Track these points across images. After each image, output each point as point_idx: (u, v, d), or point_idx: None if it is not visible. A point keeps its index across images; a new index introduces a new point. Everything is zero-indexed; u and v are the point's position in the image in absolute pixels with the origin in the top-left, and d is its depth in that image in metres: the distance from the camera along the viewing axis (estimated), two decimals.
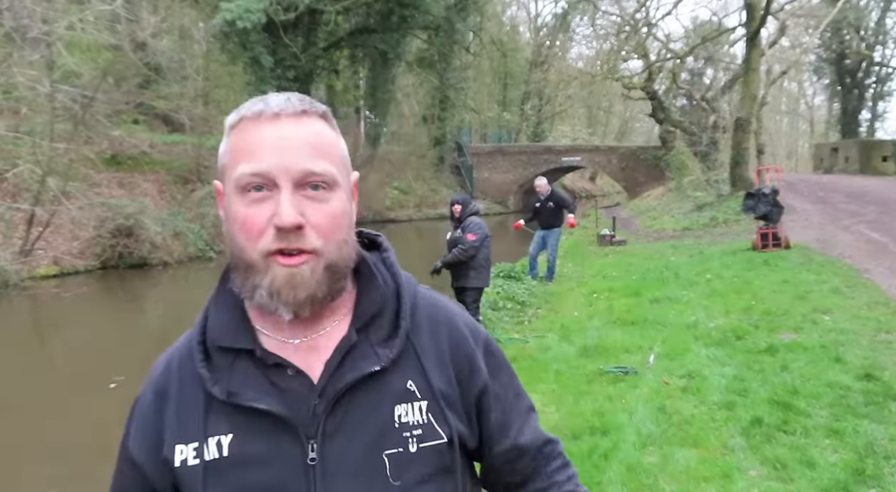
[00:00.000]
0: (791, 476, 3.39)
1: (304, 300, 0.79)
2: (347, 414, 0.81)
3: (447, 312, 0.92)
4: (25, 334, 10.54)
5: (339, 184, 0.82)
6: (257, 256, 0.78)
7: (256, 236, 0.78)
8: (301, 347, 0.83)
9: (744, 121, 19.26)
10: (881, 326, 6.08)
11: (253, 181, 0.78)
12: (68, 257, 14.42)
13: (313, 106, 0.83)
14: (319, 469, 0.79)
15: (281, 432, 0.80)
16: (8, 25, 14.24)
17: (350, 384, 0.81)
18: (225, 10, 18.50)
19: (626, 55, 27.86)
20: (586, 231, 17.32)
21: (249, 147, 0.79)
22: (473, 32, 33.49)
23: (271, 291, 0.78)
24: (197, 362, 0.84)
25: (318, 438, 0.79)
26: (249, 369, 0.82)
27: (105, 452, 5.57)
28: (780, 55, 30.67)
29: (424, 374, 0.85)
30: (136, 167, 18.68)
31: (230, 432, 0.81)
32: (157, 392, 0.87)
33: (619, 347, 5.94)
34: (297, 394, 0.81)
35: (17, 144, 14.90)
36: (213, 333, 0.85)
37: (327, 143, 0.82)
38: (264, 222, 0.77)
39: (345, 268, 0.83)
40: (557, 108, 41.98)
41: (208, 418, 0.82)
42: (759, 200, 10.88)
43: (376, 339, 0.84)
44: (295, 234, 0.77)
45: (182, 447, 0.82)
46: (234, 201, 0.80)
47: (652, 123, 34.99)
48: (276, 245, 0.77)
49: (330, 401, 0.80)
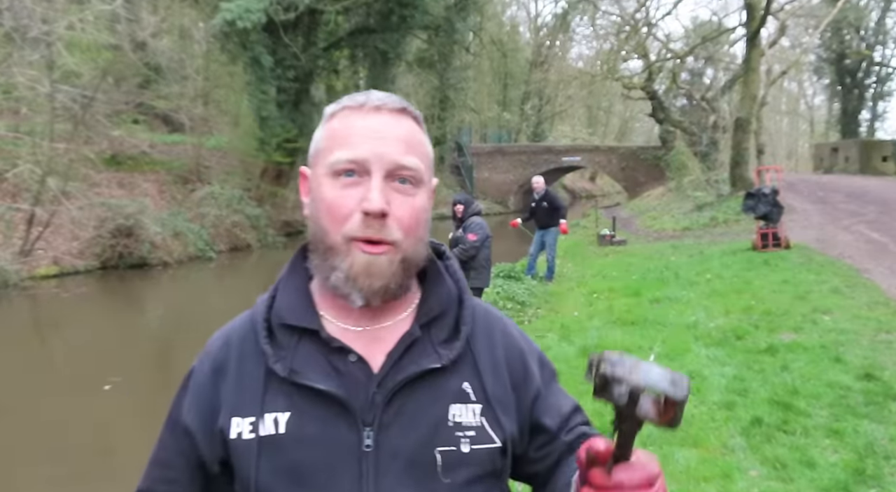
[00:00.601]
0: (791, 476, 3.39)
1: (378, 290, 0.81)
2: (404, 406, 0.82)
3: (503, 322, 0.95)
4: (25, 334, 10.54)
5: (424, 182, 0.85)
6: (340, 239, 0.81)
7: (342, 220, 0.81)
8: (363, 336, 0.85)
9: (744, 121, 19.26)
10: (881, 326, 6.08)
11: (347, 167, 0.81)
12: (68, 257, 14.41)
13: (410, 107, 0.88)
14: (373, 457, 0.80)
15: (338, 416, 0.81)
16: (8, 25, 14.23)
17: (410, 378, 0.82)
18: (225, 10, 18.48)
19: (626, 55, 27.88)
20: (586, 231, 17.33)
21: (347, 134, 0.83)
22: (473, 32, 33.50)
23: (349, 275, 0.81)
24: (261, 338, 0.85)
25: (374, 426, 0.81)
26: (312, 350, 0.84)
27: (104, 452, 5.57)
28: (780, 55, 30.66)
29: (480, 378, 0.86)
30: (136, 167, 18.67)
31: (288, 410, 0.82)
32: (214, 366, 0.89)
33: (619, 348, 5.93)
34: (356, 380, 0.82)
35: (17, 144, 14.91)
36: (279, 311, 0.87)
37: (419, 142, 0.86)
38: (352, 207, 0.81)
39: (417, 264, 0.86)
40: (557, 108, 41.98)
41: (266, 394, 0.83)
42: (759, 200, 10.88)
43: (437, 338, 0.87)
44: (379, 222, 0.80)
45: (238, 420, 0.83)
46: (325, 184, 0.83)
47: (652, 122, 34.99)
48: (361, 232, 0.80)
49: (389, 391, 0.82)
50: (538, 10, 47.88)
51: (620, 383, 0.61)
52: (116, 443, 5.73)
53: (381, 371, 0.83)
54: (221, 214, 18.12)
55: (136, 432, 5.95)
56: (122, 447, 5.60)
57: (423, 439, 0.81)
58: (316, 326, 0.85)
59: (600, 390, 0.63)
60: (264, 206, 20.14)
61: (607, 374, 0.61)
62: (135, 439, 5.82)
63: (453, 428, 0.83)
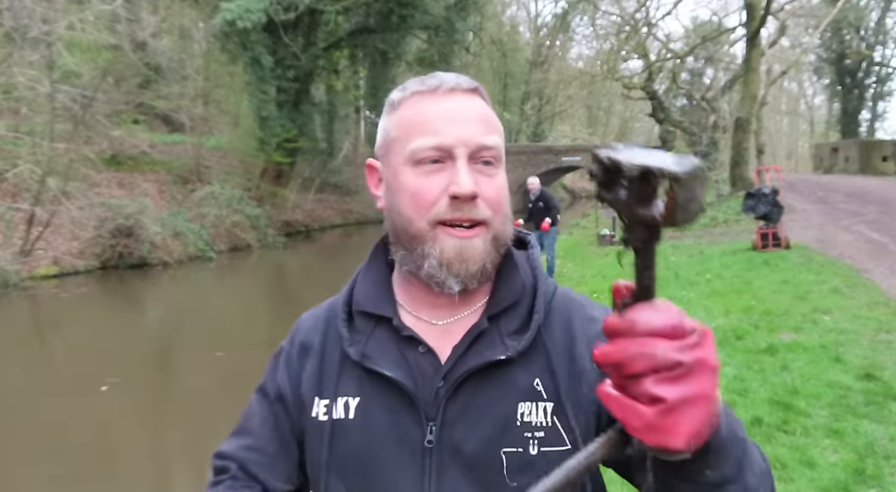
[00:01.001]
0: (791, 476, 3.39)
1: (475, 273, 0.79)
2: (469, 402, 0.79)
3: (586, 308, 0.88)
4: (25, 334, 10.54)
5: (502, 160, 0.84)
6: (425, 226, 0.79)
7: (428, 206, 0.79)
8: (436, 328, 0.84)
9: (744, 121, 19.27)
10: (881, 326, 6.08)
11: (431, 155, 0.79)
12: (68, 257, 14.41)
13: (480, 86, 0.86)
14: (436, 453, 0.78)
15: (403, 408, 0.80)
16: (8, 25, 14.24)
17: (473, 370, 0.79)
18: (225, 10, 18.50)
19: (626, 55, 27.86)
20: (586, 231, 17.33)
21: (426, 120, 0.80)
22: (473, 32, 33.48)
23: (441, 261, 0.79)
24: (339, 322, 0.87)
25: (437, 421, 0.79)
26: (386, 337, 0.84)
27: (104, 451, 5.55)
28: (780, 55, 30.68)
29: (553, 374, 0.81)
30: (136, 167, 18.68)
31: (357, 396, 0.82)
32: (302, 344, 0.91)
33: None
34: (424, 372, 0.81)
35: (17, 144, 14.91)
36: (358, 297, 0.88)
37: (494, 120, 0.85)
38: (437, 192, 0.79)
39: (506, 243, 0.84)
40: (557, 108, 41.99)
41: (341, 377, 0.84)
42: (759, 200, 10.87)
43: (507, 329, 0.83)
44: (469, 204, 0.78)
45: (317, 400, 0.85)
46: (405, 173, 0.81)
47: (652, 122, 34.99)
48: (449, 214, 0.78)
49: (452, 384, 0.79)
50: (538, 10, 47.98)
51: (616, 167, 0.51)
52: (116, 443, 5.73)
53: (447, 364, 0.80)
54: (221, 214, 18.12)
55: (135, 431, 5.96)
56: (122, 447, 5.61)
57: (487, 438, 0.78)
58: (390, 313, 0.85)
59: (605, 185, 0.52)
60: (264, 206, 20.15)
61: (604, 158, 0.51)
62: (134, 438, 5.82)
63: (521, 428, 0.78)
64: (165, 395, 7.29)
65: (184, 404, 6.63)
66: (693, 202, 0.51)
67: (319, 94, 25.65)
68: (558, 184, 43.09)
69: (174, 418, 6.33)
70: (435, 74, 0.85)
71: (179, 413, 6.40)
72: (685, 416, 0.50)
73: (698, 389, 0.51)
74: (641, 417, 0.51)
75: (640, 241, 0.54)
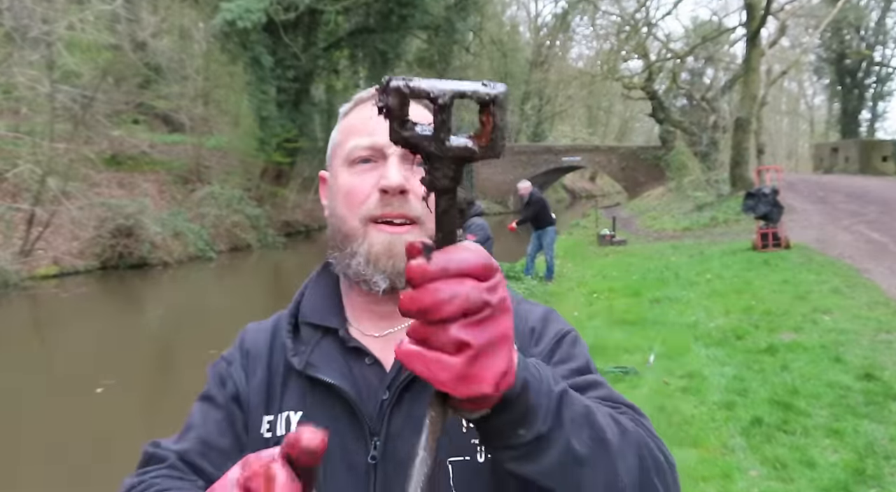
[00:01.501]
0: (791, 476, 3.39)
1: (403, 270, 0.76)
2: (412, 410, 0.76)
3: (532, 313, 0.86)
4: (25, 334, 10.54)
5: None
6: (357, 223, 0.79)
7: (359, 203, 0.79)
8: (380, 340, 0.83)
9: (744, 121, 19.27)
10: (881, 326, 6.08)
11: (363, 154, 0.81)
12: (68, 257, 14.41)
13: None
14: (380, 469, 0.75)
15: (346, 421, 0.77)
16: (8, 25, 14.24)
17: (412, 375, 0.75)
18: (225, 10, 18.50)
19: (626, 55, 27.87)
20: (586, 231, 17.33)
21: (363, 123, 0.82)
22: (473, 32, 33.48)
23: (368, 258, 0.78)
24: (284, 333, 0.85)
25: (381, 435, 0.76)
26: (332, 348, 0.82)
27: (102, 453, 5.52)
28: (780, 55, 30.68)
29: None
30: (136, 167, 18.67)
31: (300, 410, 0.80)
32: (249, 353, 0.87)
33: (619, 348, 5.94)
34: (369, 384, 0.79)
35: (17, 144, 14.91)
36: (305, 309, 0.87)
37: None
38: (368, 188, 0.79)
39: None
40: (557, 108, 41.99)
41: (285, 390, 0.82)
42: (759, 200, 10.88)
43: None
44: (398, 198, 0.77)
45: (264, 417, 0.82)
46: (342, 174, 0.82)
47: (652, 122, 34.99)
48: (379, 210, 0.78)
49: (395, 392, 0.77)
50: (538, 10, 47.93)
51: (422, 94, 0.46)
52: (113, 445, 5.73)
53: (391, 373, 0.79)
54: (221, 214, 18.12)
55: (135, 431, 5.96)
56: (122, 447, 5.60)
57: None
58: (336, 325, 0.83)
59: (402, 122, 0.47)
60: (264, 206, 20.14)
61: (401, 86, 0.45)
62: (134, 438, 5.82)
63: (467, 435, 0.75)
64: (165, 395, 7.29)
65: (183, 405, 6.62)
66: (506, 128, 0.48)
67: (319, 94, 25.63)
68: (558, 184, 43.10)
69: (174, 418, 6.32)
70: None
71: (179, 413, 6.39)
72: (491, 359, 0.49)
73: (502, 329, 0.49)
74: (449, 368, 0.47)
75: (449, 178, 0.48)
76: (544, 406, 0.59)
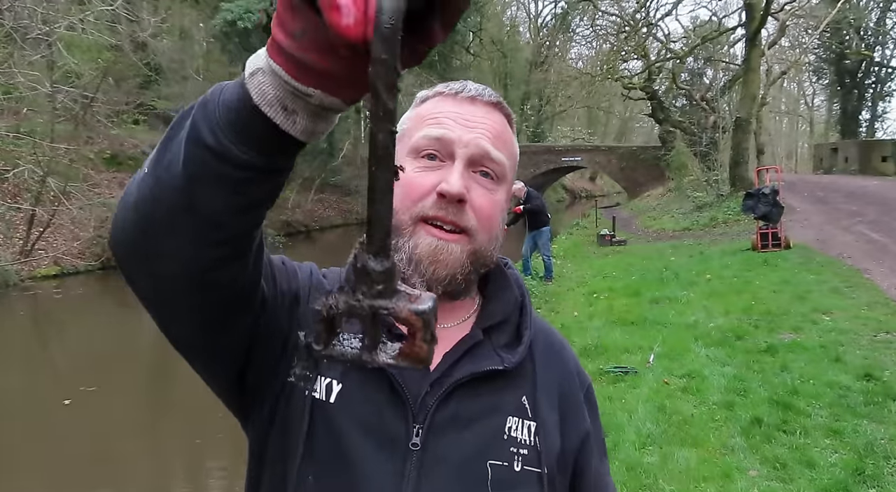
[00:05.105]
0: (791, 476, 3.39)
1: (442, 279, 0.76)
2: (460, 410, 0.76)
3: (562, 342, 0.89)
4: (25, 335, 10.54)
5: (506, 180, 0.82)
6: (408, 219, 0.76)
7: (415, 200, 0.77)
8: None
9: (744, 121, 19.27)
10: (881, 326, 6.08)
11: (430, 146, 0.78)
12: (69, 258, 14.42)
13: (505, 103, 0.84)
14: (419, 457, 0.74)
15: (389, 404, 0.75)
16: (8, 25, 14.24)
17: (468, 377, 0.77)
18: (225, 11, 18.53)
19: (625, 55, 27.87)
20: (586, 231, 17.34)
21: (438, 116, 0.80)
22: (473, 32, 33.49)
23: (412, 257, 0.76)
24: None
25: (424, 425, 0.75)
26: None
27: (101, 453, 5.52)
28: (780, 55, 30.67)
29: (535, 395, 0.81)
30: (136, 167, 18.49)
31: (341, 382, 0.76)
32: (316, 283, 0.84)
33: (619, 347, 5.95)
34: (411, 375, 0.76)
35: (17, 145, 14.91)
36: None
37: (509, 139, 0.83)
38: (428, 187, 0.76)
39: (486, 264, 0.81)
40: (557, 108, 42.00)
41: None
42: (758, 200, 10.88)
43: (499, 343, 0.82)
44: (455, 206, 0.75)
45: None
46: (403, 164, 0.77)
47: (652, 122, 34.99)
48: (433, 211, 0.76)
49: (444, 391, 0.76)
50: (538, 10, 47.81)
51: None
52: (112, 448, 5.73)
53: (436, 371, 0.77)
54: None
55: (135, 431, 5.95)
56: (122, 447, 5.60)
57: (475, 449, 0.75)
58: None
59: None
60: None
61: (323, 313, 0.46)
62: (133, 438, 5.82)
63: (508, 442, 0.77)
64: (165, 395, 7.29)
65: (183, 404, 6.62)
66: (435, 339, 0.47)
67: None
68: (558, 184, 43.11)
69: (174, 417, 6.33)
70: (464, 82, 0.84)
71: (179, 413, 6.40)
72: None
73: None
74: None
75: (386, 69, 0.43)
76: None
